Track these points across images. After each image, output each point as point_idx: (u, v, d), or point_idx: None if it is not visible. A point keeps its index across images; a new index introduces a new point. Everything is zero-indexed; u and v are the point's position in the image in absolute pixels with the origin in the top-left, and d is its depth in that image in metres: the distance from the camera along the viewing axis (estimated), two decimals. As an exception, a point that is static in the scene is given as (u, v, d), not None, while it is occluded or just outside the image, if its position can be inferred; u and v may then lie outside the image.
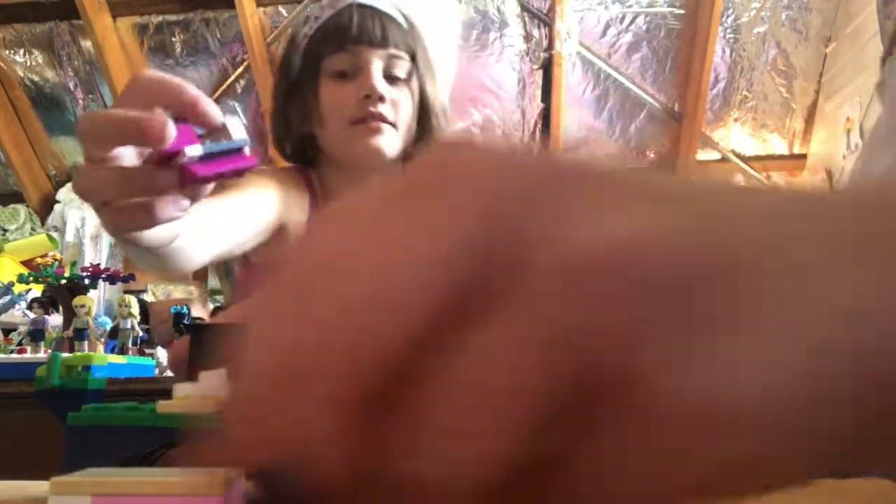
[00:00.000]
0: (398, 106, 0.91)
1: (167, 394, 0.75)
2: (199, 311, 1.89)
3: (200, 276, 3.08)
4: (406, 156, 0.95)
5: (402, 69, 0.91)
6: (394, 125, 0.90)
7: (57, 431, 0.75)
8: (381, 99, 0.87)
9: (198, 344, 0.27)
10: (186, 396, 0.26)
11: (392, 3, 0.94)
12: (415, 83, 0.94)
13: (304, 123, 0.93)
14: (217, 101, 3.44)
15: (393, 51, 0.90)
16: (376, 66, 0.88)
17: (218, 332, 0.27)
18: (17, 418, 0.95)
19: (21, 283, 0.84)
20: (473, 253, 0.12)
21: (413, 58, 0.93)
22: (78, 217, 3.57)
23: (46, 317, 0.86)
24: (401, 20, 0.94)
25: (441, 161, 0.14)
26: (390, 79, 0.90)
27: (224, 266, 2.66)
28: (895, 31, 0.46)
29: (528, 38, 3.18)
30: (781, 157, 3.44)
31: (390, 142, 0.90)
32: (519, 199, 0.12)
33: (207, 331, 0.27)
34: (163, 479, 0.20)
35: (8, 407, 0.97)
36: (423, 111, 0.97)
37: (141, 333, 1.64)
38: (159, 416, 0.26)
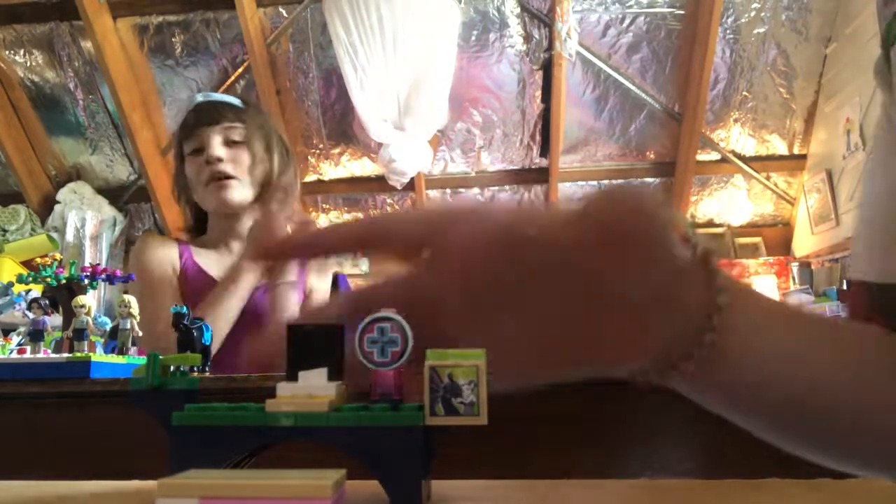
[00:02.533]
0: (237, 161, 1.18)
1: (167, 394, 0.74)
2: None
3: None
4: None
5: (237, 134, 1.19)
6: (237, 179, 1.18)
7: (78, 432, 0.75)
8: (220, 160, 1.16)
9: (296, 344, 0.28)
10: (294, 396, 0.27)
11: (229, 96, 1.26)
12: (255, 143, 1.22)
13: (189, 195, 1.23)
14: (217, 101, 3.44)
15: (226, 124, 1.19)
16: (215, 139, 1.17)
17: (314, 332, 0.28)
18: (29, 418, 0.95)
19: (20, 283, 0.85)
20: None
21: (247, 127, 1.22)
22: (78, 217, 3.57)
23: (46, 317, 0.87)
24: (235, 102, 1.24)
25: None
26: (229, 143, 1.19)
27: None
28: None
29: (528, 38, 3.18)
30: (781, 157, 3.45)
31: (236, 192, 1.18)
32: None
33: (304, 331, 0.28)
34: (270, 481, 0.20)
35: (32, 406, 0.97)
36: (266, 172, 1.23)
37: (140, 333, 1.63)
38: (267, 415, 0.27)
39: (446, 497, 0.29)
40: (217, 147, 1.17)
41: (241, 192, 1.19)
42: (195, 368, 0.81)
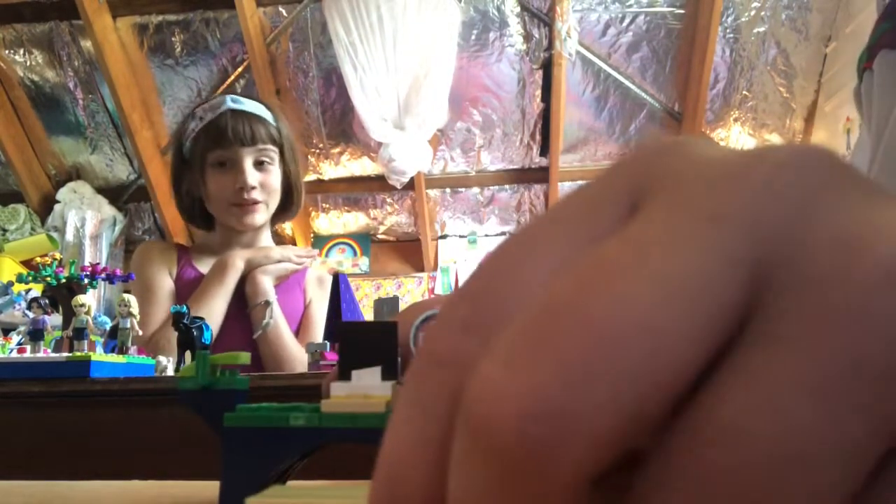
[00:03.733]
0: (267, 187, 1.19)
1: (168, 393, 0.74)
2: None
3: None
4: (274, 220, 1.28)
5: (269, 157, 1.19)
6: (265, 203, 1.20)
7: (71, 431, 0.75)
8: (253, 188, 1.16)
9: (349, 344, 0.27)
10: (349, 396, 0.26)
11: (261, 106, 1.22)
12: (280, 166, 1.22)
13: (196, 189, 1.22)
14: (217, 100, 3.44)
15: (260, 146, 1.17)
16: (248, 162, 1.16)
17: (367, 331, 0.27)
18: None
19: (20, 282, 0.84)
20: (742, 271, 0.10)
21: (280, 147, 1.21)
22: (78, 217, 3.57)
23: (46, 316, 0.86)
24: (269, 119, 1.21)
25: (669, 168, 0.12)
26: (259, 164, 1.18)
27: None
28: (871, 44, 0.46)
29: (528, 38, 3.18)
30: (781, 156, 3.44)
31: (261, 216, 1.21)
32: (771, 201, 0.10)
33: (357, 331, 0.27)
34: (350, 499, 0.20)
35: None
36: (289, 186, 1.26)
37: (140, 333, 1.63)
38: (323, 416, 0.26)
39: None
40: (251, 173, 1.16)
41: (264, 215, 1.22)
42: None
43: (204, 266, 1.23)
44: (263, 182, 1.19)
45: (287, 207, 1.29)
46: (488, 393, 0.09)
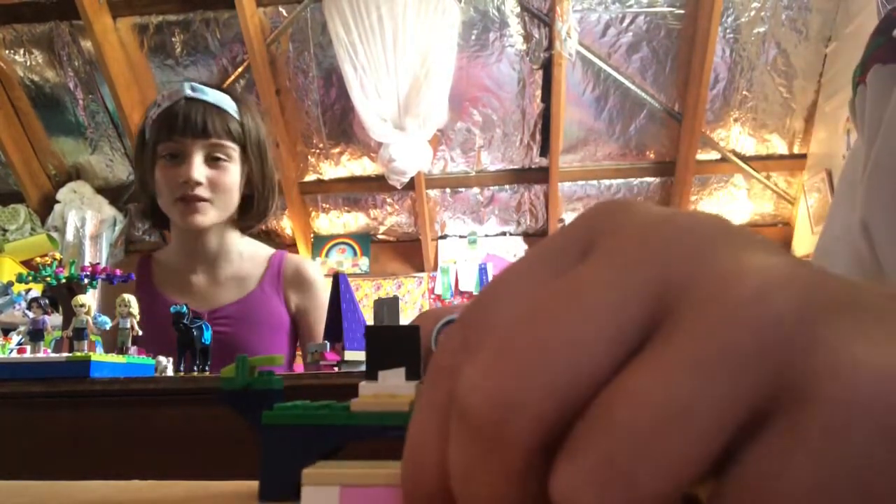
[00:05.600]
0: (217, 185, 1.10)
1: (168, 393, 0.74)
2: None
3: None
4: (238, 217, 1.18)
5: (224, 153, 1.10)
6: (211, 202, 1.11)
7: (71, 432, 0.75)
8: (198, 183, 1.07)
9: (375, 346, 0.29)
10: (377, 395, 0.28)
11: (224, 97, 1.12)
12: (241, 165, 1.13)
13: (149, 181, 1.15)
14: (217, 100, 3.44)
15: (214, 140, 1.08)
16: (197, 156, 1.08)
17: (392, 333, 0.30)
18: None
19: (20, 282, 0.84)
20: (647, 300, 0.14)
21: (242, 145, 1.13)
22: (78, 217, 3.57)
23: (46, 317, 0.86)
24: (231, 112, 1.11)
25: (614, 223, 0.17)
26: (213, 160, 1.10)
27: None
28: (865, 59, 0.47)
29: (528, 38, 3.18)
30: (781, 156, 3.44)
31: (206, 216, 1.11)
32: (673, 251, 0.15)
33: (383, 332, 0.30)
34: (391, 469, 0.22)
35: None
36: (251, 188, 1.16)
37: (140, 333, 1.63)
38: (352, 414, 0.29)
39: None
40: (198, 168, 1.07)
41: (211, 215, 1.12)
42: (196, 367, 0.82)
43: (159, 277, 1.17)
44: (213, 179, 1.09)
45: (247, 211, 1.18)
46: (469, 391, 0.14)
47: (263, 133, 1.18)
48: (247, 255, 1.22)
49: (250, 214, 1.20)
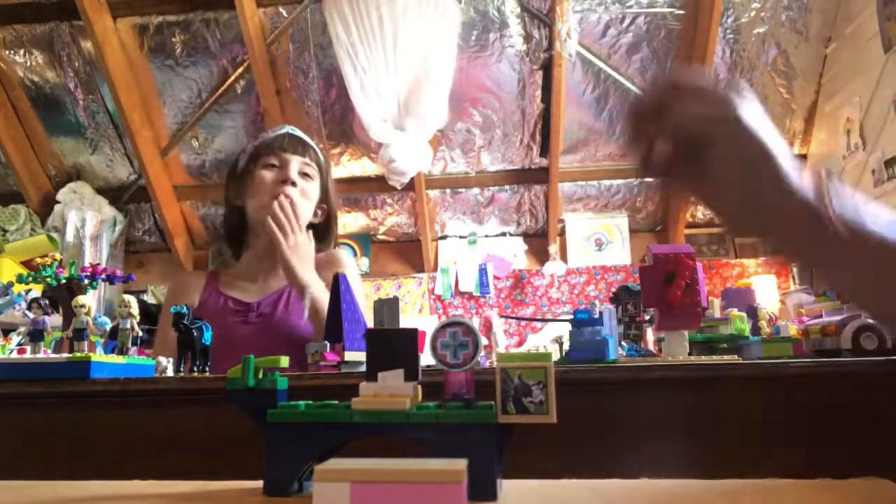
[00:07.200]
0: (305, 194, 1.30)
1: (168, 394, 0.74)
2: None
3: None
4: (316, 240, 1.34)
5: (311, 173, 1.34)
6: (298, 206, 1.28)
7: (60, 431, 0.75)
8: (293, 184, 1.28)
9: (375, 349, 0.31)
10: (376, 395, 0.29)
11: (313, 142, 1.41)
12: (318, 185, 1.35)
13: (237, 198, 1.33)
14: (217, 101, 3.44)
15: (307, 160, 1.34)
16: (294, 165, 1.30)
17: (391, 336, 0.31)
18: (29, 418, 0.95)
19: (20, 283, 0.84)
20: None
21: (321, 174, 1.37)
22: (78, 217, 3.57)
23: (46, 317, 0.86)
24: (318, 152, 1.39)
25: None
26: (303, 175, 1.32)
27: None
28: None
29: (528, 38, 3.18)
30: (781, 157, 3.44)
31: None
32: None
33: (382, 335, 0.31)
34: (412, 467, 0.23)
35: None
36: (328, 215, 1.38)
37: (140, 333, 1.64)
38: (354, 412, 0.29)
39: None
40: (295, 172, 1.30)
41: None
42: (196, 367, 0.81)
43: (227, 288, 1.28)
44: (302, 189, 1.30)
45: (323, 238, 1.38)
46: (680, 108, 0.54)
47: (333, 184, 1.42)
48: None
49: (324, 241, 1.38)
